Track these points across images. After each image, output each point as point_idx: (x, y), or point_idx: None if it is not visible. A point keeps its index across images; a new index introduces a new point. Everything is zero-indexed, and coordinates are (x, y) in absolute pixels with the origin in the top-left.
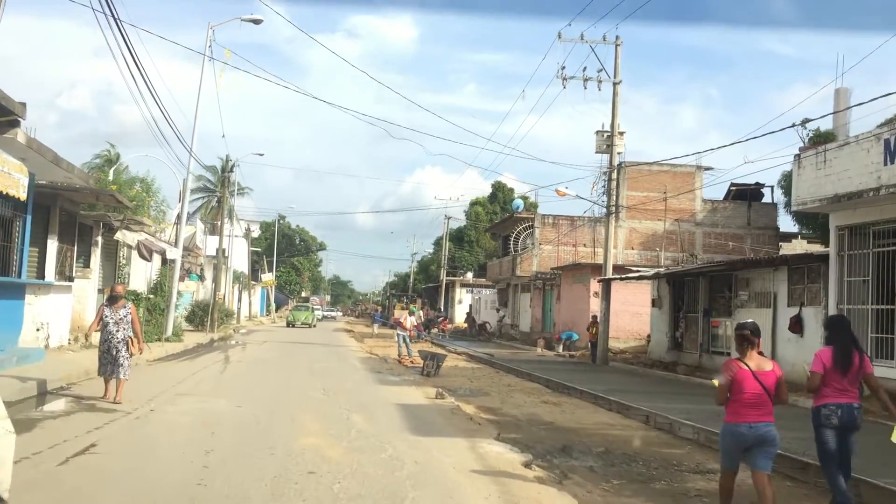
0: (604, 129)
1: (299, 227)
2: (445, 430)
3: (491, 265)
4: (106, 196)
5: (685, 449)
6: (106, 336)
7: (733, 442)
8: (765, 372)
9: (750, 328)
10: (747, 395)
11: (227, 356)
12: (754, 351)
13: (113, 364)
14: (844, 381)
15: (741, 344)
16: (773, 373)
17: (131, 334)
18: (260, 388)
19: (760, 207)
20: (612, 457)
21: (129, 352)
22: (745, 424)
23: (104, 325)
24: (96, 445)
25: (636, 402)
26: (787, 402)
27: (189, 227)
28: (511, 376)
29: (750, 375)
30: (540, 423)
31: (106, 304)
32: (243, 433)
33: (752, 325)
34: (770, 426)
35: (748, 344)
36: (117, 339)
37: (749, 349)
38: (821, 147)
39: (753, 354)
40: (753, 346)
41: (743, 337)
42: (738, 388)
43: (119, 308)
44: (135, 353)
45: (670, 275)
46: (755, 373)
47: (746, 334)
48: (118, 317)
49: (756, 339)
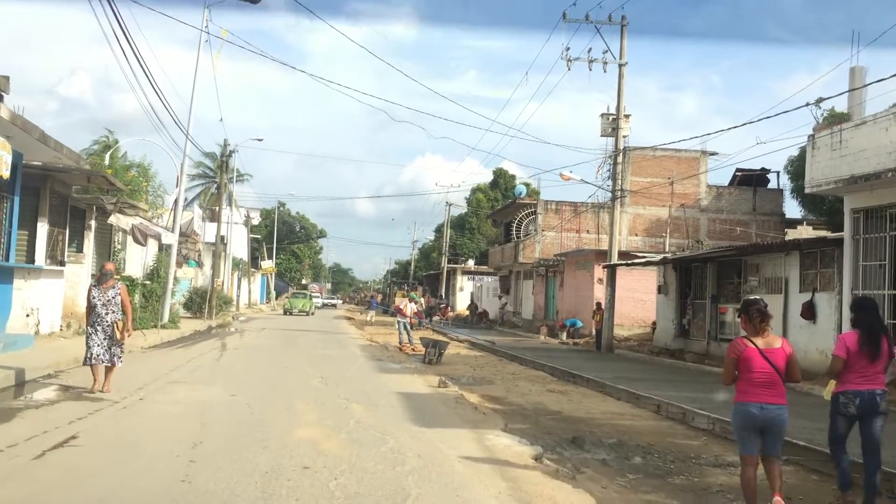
0: (609, 112)
1: (300, 215)
2: (449, 420)
3: (493, 252)
4: (97, 177)
5: (701, 440)
6: (94, 319)
7: (744, 422)
8: (773, 350)
9: (764, 303)
10: (756, 374)
11: (224, 343)
12: (767, 327)
13: (103, 350)
14: (870, 367)
15: (754, 318)
16: (783, 350)
17: (121, 317)
18: (256, 376)
19: (766, 193)
20: (625, 449)
21: (117, 337)
22: (755, 404)
23: (92, 307)
24: (77, 437)
25: (645, 390)
26: (799, 380)
27: (187, 212)
28: (515, 364)
29: (757, 353)
30: (547, 412)
31: (94, 285)
32: (235, 424)
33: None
34: (782, 409)
35: (761, 319)
36: (107, 323)
37: (762, 325)
38: (836, 127)
39: (765, 332)
40: (766, 322)
41: (758, 311)
42: (745, 366)
43: (108, 288)
44: (121, 338)
45: (678, 260)
46: (763, 351)
47: (761, 307)
48: (107, 298)
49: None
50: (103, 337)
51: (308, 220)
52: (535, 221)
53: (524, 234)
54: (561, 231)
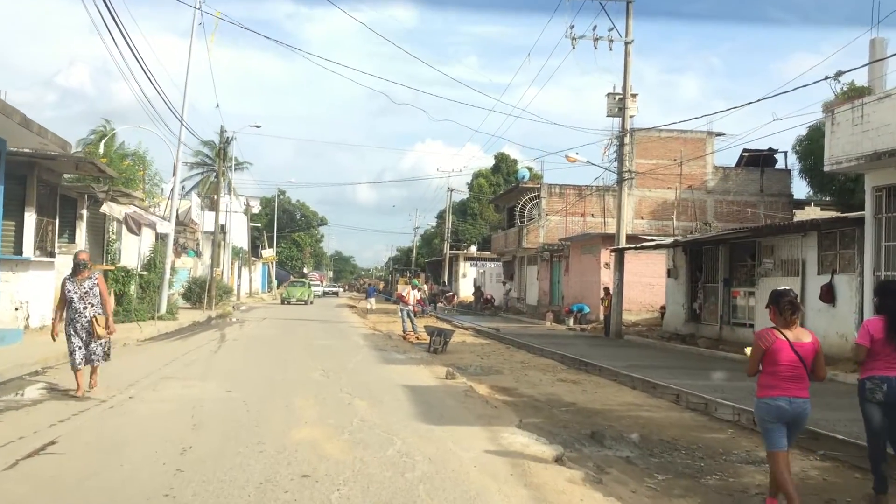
0: (615, 92)
1: (300, 203)
2: (460, 416)
3: (496, 237)
4: (86, 164)
5: (727, 433)
6: (71, 315)
7: (773, 417)
8: (803, 343)
9: (794, 294)
10: (783, 367)
11: (222, 334)
12: (797, 319)
13: (83, 348)
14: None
15: (785, 311)
16: (812, 345)
17: (100, 311)
18: (254, 370)
19: (773, 174)
20: (649, 444)
21: (95, 334)
22: (784, 398)
23: (68, 301)
24: (56, 443)
25: (662, 379)
26: (824, 377)
27: (184, 201)
28: (522, 352)
29: (787, 346)
30: (561, 404)
31: (68, 277)
32: (230, 424)
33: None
34: (807, 402)
35: (792, 311)
36: (85, 319)
37: (792, 317)
38: (857, 101)
39: (795, 324)
40: (796, 314)
41: (790, 303)
42: (772, 359)
43: (83, 279)
44: (102, 336)
45: (689, 243)
46: (793, 343)
47: (793, 299)
48: (83, 290)
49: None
50: (84, 335)
51: (308, 208)
52: (539, 206)
53: (528, 218)
54: (566, 215)
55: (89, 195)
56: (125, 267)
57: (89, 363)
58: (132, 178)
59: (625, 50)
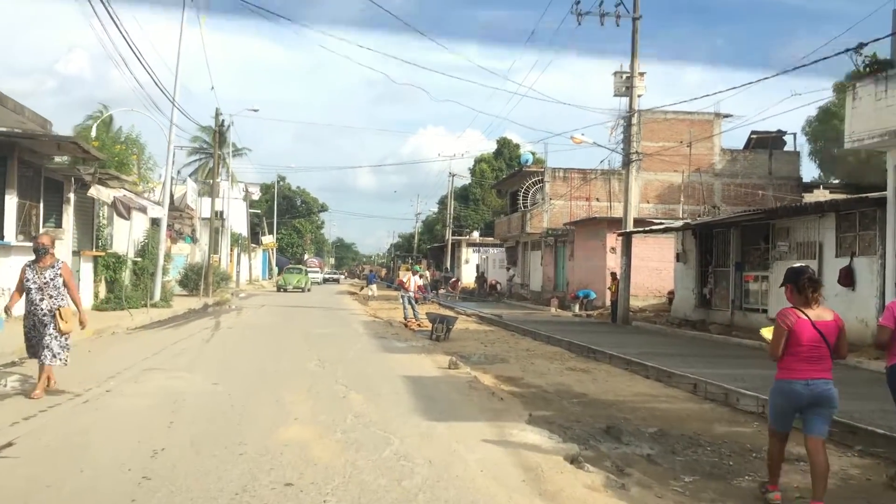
0: (622, 70)
1: (300, 189)
2: (464, 410)
3: (499, 223)
4: (68, 144)
5: (752, 426)
6: (29, 307)
7: (787, 401)
8: (825, 322)
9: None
10: (805, 348)
11: (217, 322)
12: (819, 296)
13: (38, 345)
14: None
15: (808, 289)
16: (835, 322)
17: (62, 304)
18: (246, 360)
19: (782, 156)
20: (669, 440)
21: (57, 328)
22: (800, 382)
23: (26, 291)
24: (13, 445)
25: (677, 367)
26: (846, 356)
27: (181, 186)
28: (528, 339)
29: (809, 325)
30: (571, 395)
31: (29, 264)
32: (210, 422)
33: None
34: (829, 384)
35: (812, 288)
36: (41, 312)
37: (814, 294)
38: (881, 74)
39: (817, 302)
40: (818, 291)
41: (811, 279)
42: (795, 339)
43: (45, 268)
44: (65, 331)
45: (700, 226)
46: (815, 322)
47: (812, 275)
48: (43, 279)
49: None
50: (41, 329)
51: (309, 195)
52: (543, 190)
53: (531, 203)
54: (570, 199)
55: (76, 178)
56: (116, 253)
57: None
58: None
59: (633, 26)
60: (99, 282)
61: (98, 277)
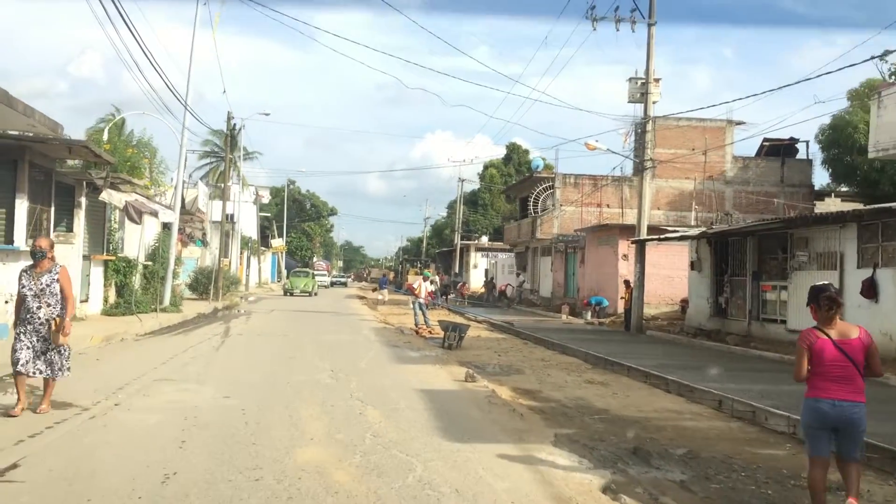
0: (637, 77)
1: (310, 192)
2: (486, 430)
3: (508, 228)
4: (79, 148)
5: (786, 449)
6: (24, 315)
7: (815, 420)
8: (849, 340)
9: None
10: (829, 368)
11: (227, 328)
12: (836, 315)
13: (32, 356)
14: None
15: (825, 308)
16: (860, 340)
17: (60, 312)
18: (257, 370)
19: (794, 164)
20: (701, 464)
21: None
22: (827, 401)
23: (22, 298)
24: (18, 467)
25: (699, 381)
26: (881, 373)
27: (192, 190)
28: (541, 348)
29: (830, 345)
30: (592, 410)
31: (25, 269)
32: (224, 441)
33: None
34: (857, 406)
35: (829, 306)
36: (38, 321)
37: (829, 313)
38: None
39: (836, 320)
40: (836, 310)
41: (828, 298)
42: (817, 360)
43: (41, 273)
44: (62, 343)
45: (717, 234)
46: (836, 342)
47: (832, 294)
48: (40, 286)
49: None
50: (36, 339)
51: (318, 199)
52: (553, 196)
53: (541, 209)
54: (581, 205)
55: (88, 182)
56: (127, 257)
57: (40, 374)
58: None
59: (647, 32)
60: (109, 286)
61: (108, 282)
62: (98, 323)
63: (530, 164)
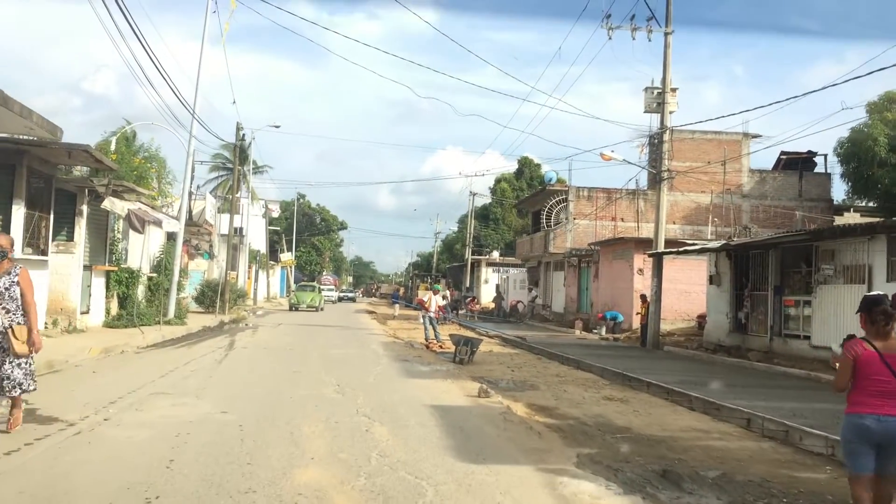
0: (653, 86)
1: (320, 207)
2: (502, 450)
3: (520, 242)
4: (80, 152)
5: (826, 472)
6: None
7: (857, 437)
8: None
9: (890, 302)
10: (874, 382)
11: (232, 341)
12: (891, 330)
13: None
14: None
15: (880, 322)
16: None
17: (21, 321)
18: (259, 384)
19: (812, 177)
20: (736, 488)
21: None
22: (871, 416)
23: None
24: None
25: (725, 399)
26: None
27: (199, 202)
28: (556, 363)
29: (877, 358)
30: (613, 429)
31: None
32: (215, 461)
33: (889, 300)
34: None
35: (886, 321)
36: None
37: (886, 328)
38: None
39: (888, 335)
40: (890, 324)
41: (884, 312)
42: (862, 373)
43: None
44: (21, 354)
45: (738, 247)
46: (884, 355)
47: (887, 308)
48: None
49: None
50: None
51: (328, 213)
52: (567, 209)
53: (554, 222)
54: (595, 219)
55: (90, 189)
56: (130, 268)
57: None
58: (144, 176)
59: (664, 41)
60: (111, 298)
61: (110, 293)
62: (98, 335)
63: (542, 178)
